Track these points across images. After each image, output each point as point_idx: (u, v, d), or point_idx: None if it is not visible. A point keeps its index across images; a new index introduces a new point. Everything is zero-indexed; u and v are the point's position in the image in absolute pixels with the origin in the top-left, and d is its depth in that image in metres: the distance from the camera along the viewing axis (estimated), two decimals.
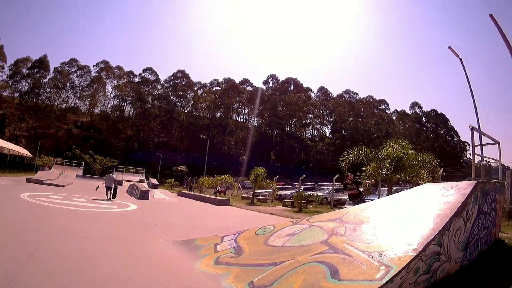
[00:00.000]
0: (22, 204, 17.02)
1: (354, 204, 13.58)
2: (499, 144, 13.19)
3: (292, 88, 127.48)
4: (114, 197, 25.38)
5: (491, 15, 19.08)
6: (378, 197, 21.56)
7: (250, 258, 7.29)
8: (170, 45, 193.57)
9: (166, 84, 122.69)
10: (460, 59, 25.59)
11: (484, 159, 13.42)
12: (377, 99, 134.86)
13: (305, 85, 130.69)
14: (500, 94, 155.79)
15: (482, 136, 11.80)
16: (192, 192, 42.99)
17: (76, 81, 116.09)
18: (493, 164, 15.01)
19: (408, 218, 7.28)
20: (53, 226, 10.83)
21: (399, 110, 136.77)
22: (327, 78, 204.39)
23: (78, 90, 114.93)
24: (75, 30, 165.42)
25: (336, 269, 5.64)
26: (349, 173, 16.91)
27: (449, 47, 25.37)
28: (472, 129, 11.79)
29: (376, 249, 6.04)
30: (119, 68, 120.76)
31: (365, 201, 13.94)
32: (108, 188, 25.36)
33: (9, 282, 5.20)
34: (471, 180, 13.63)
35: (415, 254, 5.44)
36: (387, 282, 4.87)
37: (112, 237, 10.32)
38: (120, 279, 6.20)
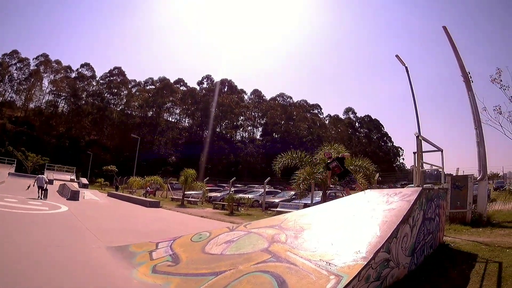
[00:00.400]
0: None
1: (343, 185, 13.85)
2: (442, 151, 13.41)
3: (226, 89, 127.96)
4: (45, 197, 25.29)
5: (444, 27, 19.40)
6: (312, 201, 21.98)
7: (189, 267, 7.01)
8: (110, 41, 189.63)
9: (101, 81, 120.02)
10: (406, 67, 25.95)
11: (426, 165, 13.60)
12: (311, 103, 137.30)
13: (239, 87, 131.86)
14: (442, 104, 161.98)
15: (422, 143, 11.88)
16: (121, 193, 42.23)
17: (15, 74, 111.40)
18: (426, 169, 15.33)
19: (352, 225, 7.34)
20: None
21: (332, 115, 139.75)
22: (263, 81, 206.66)
23: (15, 84, 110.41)
24: (17, 19, 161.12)
25: (283, 279, 5.45)
26: (327, 150, 16.99)
27: (396, 56, 25.64)
28: (418, 136, 11.86)
29: (322, 257, 5.94)
30: (57, 62, 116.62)
31: (355, 180, 13.96)
32: (40, 187, 25.53)
33: None
34: (412, 186, 13.77)
35: (365, 263, 5.39)
36: None
37: (43, 243, 9.72)
38: None
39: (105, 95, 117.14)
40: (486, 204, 16.27)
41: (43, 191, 25.80)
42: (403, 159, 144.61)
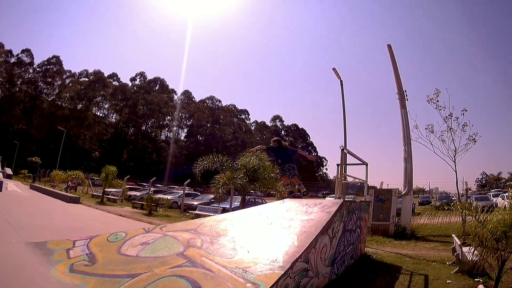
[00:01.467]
0: None
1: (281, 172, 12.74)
2: (367, 165, 13.68)
3: (157, 88, 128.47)
4: None
5: (389, 46, 19.80)
6: (230, 206, 22.20)
7: (105, 267, 6.82)
8: (52, 26, 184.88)
9: (38, 69, 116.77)
10: (341, 81, 26.34)
11: (349, 178, 13.84)
12: (239, 108, 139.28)
13: (170, 87, 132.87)
14: (372, 118, 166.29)
15: (347, 156, 12.06)
16: (43, 186, 41.05)
17: None
18: (350, 181, 15.68)
19: (270, 233, 7.41)
20: None
21: (259, 121, 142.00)
22: (195, 82, 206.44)
23: None
24: None
25: (199, 285, 5.43)
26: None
27: (333, 69, 25.99)
28: (343, 149, 12.06)
29: (238, 265, 5.97)
30: (1, 45, 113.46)
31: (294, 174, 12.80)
32: None
33: None
34: (333, 196, 13.97)
35: (283, 272, 5.41)
36: None
37: None
38: None
39: (39, 83, 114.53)
40: (410, 218, 16.82)
41: None
42: (326, 169, 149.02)
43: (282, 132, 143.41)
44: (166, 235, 8.12)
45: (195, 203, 29.28)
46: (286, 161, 12.23)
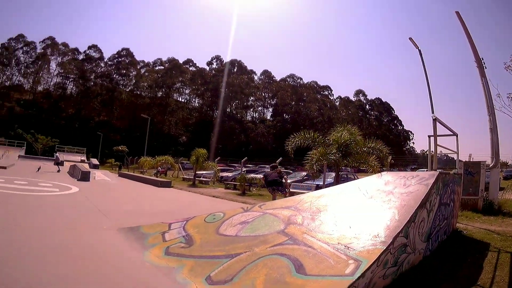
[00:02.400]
0: None
1: (270, 191, 15.32)
2: (457, 136, 13.20)
3: (236, 70, 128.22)
4: None
5: (457, 13, 19.02)
6: (323, 182, 21.63)
7: (203, 249, 6.72)
8: (117, 22, 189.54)
9: (109, 62, 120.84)
10: (419, 50, 25.57)
11: (441, 150, 13.40)
12: (321, 84, 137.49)
13: (249, 68, 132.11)
14: (454, 89, 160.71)
15: (434, 127, 11.61)
16: (132, 173, 42.41)
17: (22, 58, 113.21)
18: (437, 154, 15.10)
19: (370, 207, 7.02)
20: None
21: (343, 96, 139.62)
22: (273, 62, 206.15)
23: (22, 67, 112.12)
24: (24, 4, 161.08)
25: (300, 263, 5.26)
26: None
27: (410, 38, 25.26)
28: (435, 119, 11.60)
29: (340, 240, 5.73)
30: (64, 45, 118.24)
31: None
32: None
33: None
34: (423, 170, 13.54)
35: (385, 247, 5.20)
36: (358, 278, 4.55)
37: (53, 226, 9.36)
38: (60, 276, 5.41)
39: (114, 76, 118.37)
40: (497, 192, 16.18)
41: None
42: (413, 143, 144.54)
43: (367, 107, 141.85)
44: (265, 213, 7.95)
45: (288, 181, 28.98)
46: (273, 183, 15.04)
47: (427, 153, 16.10)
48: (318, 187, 19.60)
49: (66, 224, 9.85)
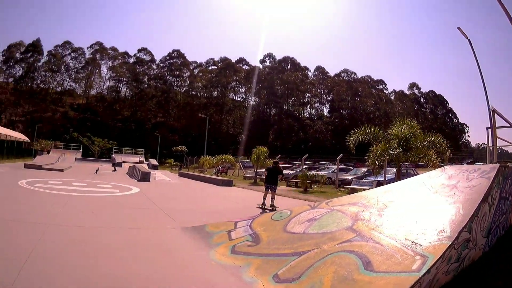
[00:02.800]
0: (21, 192, 16.17)
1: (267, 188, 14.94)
2: None
3: (289, 67, 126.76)
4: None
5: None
6: (384, 178, 21.52)
7: (270, 247, 6.73)
8: (164, 24, 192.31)
9: (161, 64, 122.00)
10: (469, 40, 25.11)
11: (500, 142, 13.06)
12: (375, 79, 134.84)
13: (302, 64, 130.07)
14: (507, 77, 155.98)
15: (493, 118, 11.30)
16: (192, 172, 42.57)
17: (71, 64, 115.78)
18: (491, 146, 14.73)
19: (435, 202, 6.86)
20: (53, 216, 10.12)
21: (397, 90, 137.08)
22: (325, 57, 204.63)
23: (73, 73, 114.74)
24: (68, 12, 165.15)
25: (368, 259, 5.24)
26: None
27: (458, 28, 24.88)
28: (493, 111, 11.33)
29: (407, 236, 5.66)
30: (113, 49, 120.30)
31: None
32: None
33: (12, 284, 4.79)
34: (479, 163, 13.27)
35: (450, 243, 5.13)
36: (424, 274, 4.53)
37: (116, 226, 9.67)
38: (128, 275, 5.69)
39: (167, 77, 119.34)
40: None
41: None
42: (468, 136, 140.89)
43: (421, 100, 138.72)
44: (333, 210, 7.81)
45: (349, 177, 28.67)
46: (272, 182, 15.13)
47: (483, 146, 15.80)
48: (379, 183, 19.40)
49: (129, 223, 10.22)
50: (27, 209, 11.33)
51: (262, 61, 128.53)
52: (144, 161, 58.12)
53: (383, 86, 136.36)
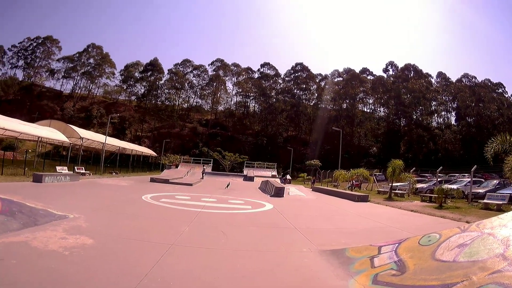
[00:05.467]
0: (144, 207, 16.60)
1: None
2: None
3: (412, 74, 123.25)
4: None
5: None
6: None
7: (416, 277, 5.80)
8: (283, 38, 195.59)
9: (287, 78, 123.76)
10: None
11: None
12: (494, 82, 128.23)
13: (424, 71, 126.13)
14: None
15: None
16: (325, 187, 42.15)
17: (194, 81, 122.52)
18: None
19: None
20: (178, 235, 10.00)
21: None
22: (444, 62, 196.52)
23: (198, 90, 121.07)
24: (183, 33, 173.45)
25: None
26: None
27: None
28: None
29: None
30: (235, 65, 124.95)
31: None
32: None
33: None
34: None
35: None
36: None
37: (247, 247, 9.28)
38: None
39: (295, 91, 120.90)
40: None
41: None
42: None
43: None
44: (483, 234, 6.56)
45: (481, 190, 27.28)
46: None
47: None
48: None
49: (263, 245, 9.75)
50: (148, 226, 11.43)
51: (385, 70, 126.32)
52: (277, 176, 59.28)
53: (502, 89, 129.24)
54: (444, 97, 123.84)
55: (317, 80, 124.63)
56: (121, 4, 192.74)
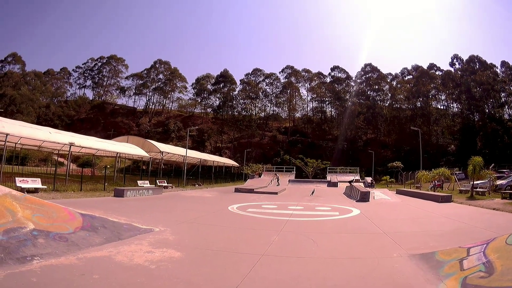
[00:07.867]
0: (231, 218, 16.97)
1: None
2: None
3: (478, 66, 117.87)
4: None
5: None
6: None
7: (502, 278, 5.44)
8: (352, 41, 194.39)
9: (358, 80, 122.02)
10: None
11: None
12: None
13: (488, 62, 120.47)
14: None
15: None
16: (408, 189, 42.15)
17: (268, 89, 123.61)
18: None
19: None
20: (268, 245, 10.16)
21: None
22: (506, 51, 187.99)
23: (272, 98, 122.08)
24: (247, 44, 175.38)
25: None
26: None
27: None
28: None
29: None
30: (306, 71, 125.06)
31: None
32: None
33: None
34: None
35: None
36: None
37: (337, 255, 9.30)
38: None
39: (368, 93, 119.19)
40: None
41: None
42: None
43: None
44: None
45: None
46: None
47: None
48: None
49: (353, 252, 9.81)
50: (236, 237, 11.74)
51: (451, 64, 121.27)
52: (360, 180, 59.24)
53: None
54: (510, 87, 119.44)
55: (388, 80, 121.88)
56: (182, 17, 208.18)
